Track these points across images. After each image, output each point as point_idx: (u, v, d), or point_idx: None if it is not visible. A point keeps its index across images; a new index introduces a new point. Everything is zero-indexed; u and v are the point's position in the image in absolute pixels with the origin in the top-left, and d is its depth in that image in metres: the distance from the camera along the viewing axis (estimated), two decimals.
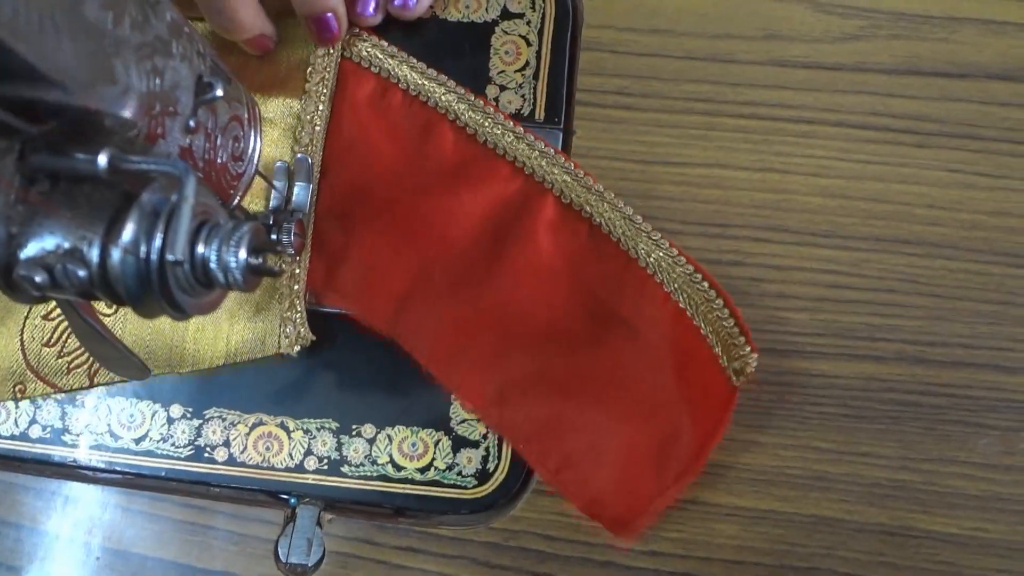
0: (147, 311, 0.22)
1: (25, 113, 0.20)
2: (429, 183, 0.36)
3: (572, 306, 0.35)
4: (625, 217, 0.35)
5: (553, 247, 0.35)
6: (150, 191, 0.21)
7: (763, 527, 0.35)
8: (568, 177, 0.36)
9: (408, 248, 0.36)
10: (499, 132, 0.36)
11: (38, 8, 0.17)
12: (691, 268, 0.35)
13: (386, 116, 0.37)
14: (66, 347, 0.35)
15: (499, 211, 0.36)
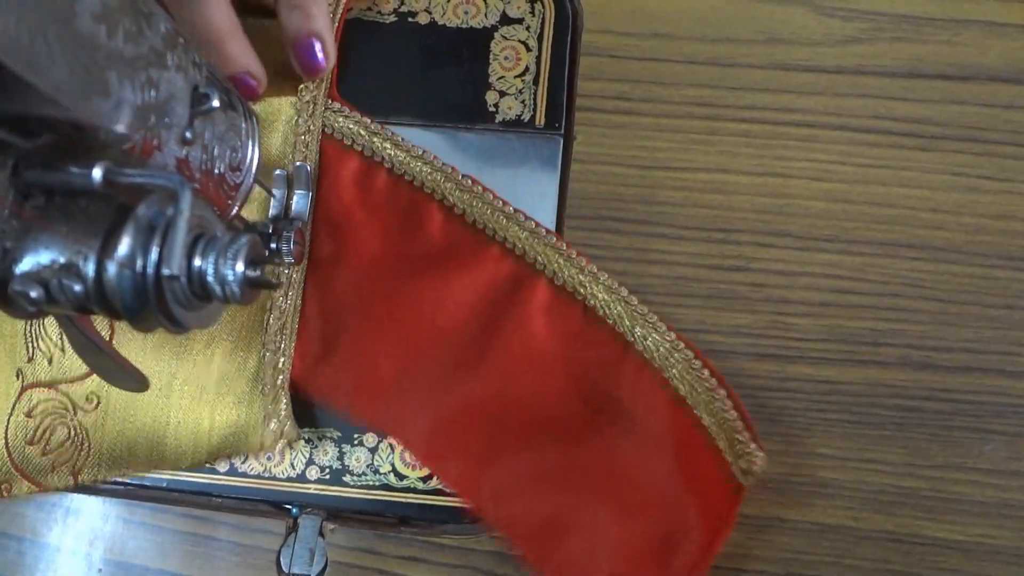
0: (144, 325, 0.22)
1: (19, 128, 0.20)
2: (417, 268, 0.35)
3: (568, 395, 0.34)
4: (620, 299, 0.34)
5: (546, 332, 0.34)
6: (146, 205, 0.21)
7: (768, 535, 0.35)
8: (560, 258, 0.35)
9: (397, 337, 0.35)
10: (488, 212, 0.35)
11: (30, 22, 0.17)
12: (691, 354, 0.34)
13: (371, 197, 0.36)
14: (49, 445, 0.34)
15: (490, 296, 0.35)
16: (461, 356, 0.35)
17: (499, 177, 0.38)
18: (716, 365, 0.36)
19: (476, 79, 0.39)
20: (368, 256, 0.36)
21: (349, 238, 0.36)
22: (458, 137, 0.39)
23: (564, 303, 0.35)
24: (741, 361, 0.36)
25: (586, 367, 0.34)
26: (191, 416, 0.34)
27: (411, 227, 0.36)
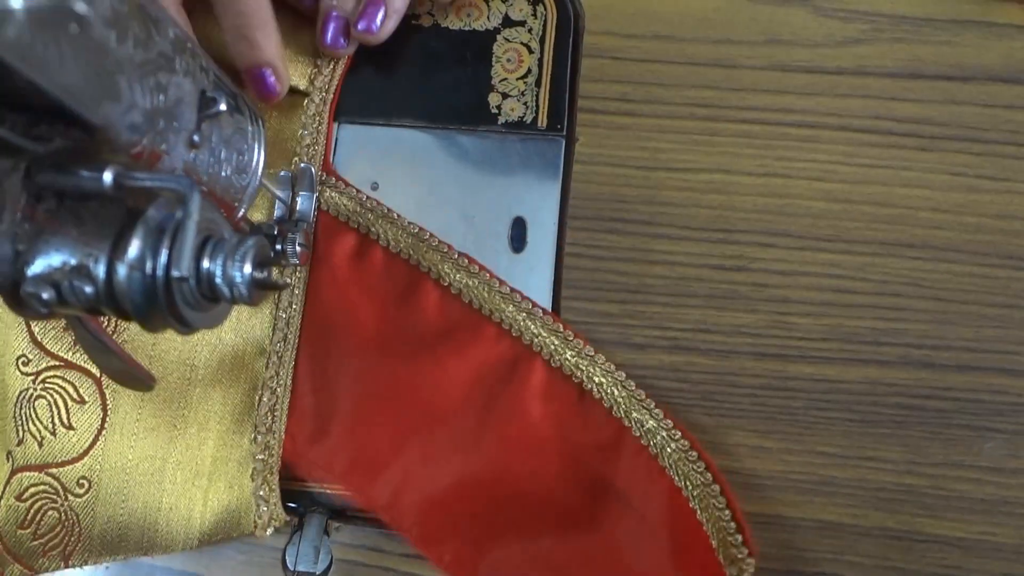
0: (153, 326, 0.22)
1: (30, 132, 0.21)
2: (413, 348, 0.35)
3: (564, 479, 0.34)
4: (618, 382, 0.35)
5: (543, 415, 0.34)
6: (155, 207, 0.21)
7: (769, 532, 0.35)
8: (557, 340, 0.35)
9: (392, 418, 0.35)
10: (484, 292, 0.35)
11: (43, 31, 0.17)
12: (686, 444, 0.34)
13: (367, 276, 0.36)
14: (40, 528, 0.34)
15: (486, 377, 0.35)
16: (457, 438, 0.34)
17: (501, 179, 0.39)
18: (717, 364, 0.36)
19: (479, 81, 0.39)
20: (363, 335, 0.36)
21: (343, 316, 0.36)
22: (461, 139, 0.39)
23: (560, 385, 0.35)
24: (742, 360, 0.36)
25: (583, 450, 0.34)
26: (184, 501, 0.34)
27: (407, 306, 0.36)
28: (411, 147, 0.39)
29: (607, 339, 0.37)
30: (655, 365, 0.37)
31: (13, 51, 0.17)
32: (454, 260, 0.36)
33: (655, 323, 0.37)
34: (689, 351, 0.37)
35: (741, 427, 0.36)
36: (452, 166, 0.39)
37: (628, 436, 0.34)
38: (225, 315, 0.24)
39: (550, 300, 0.37)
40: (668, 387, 0.36)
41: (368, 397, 0.35)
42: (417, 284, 0.36)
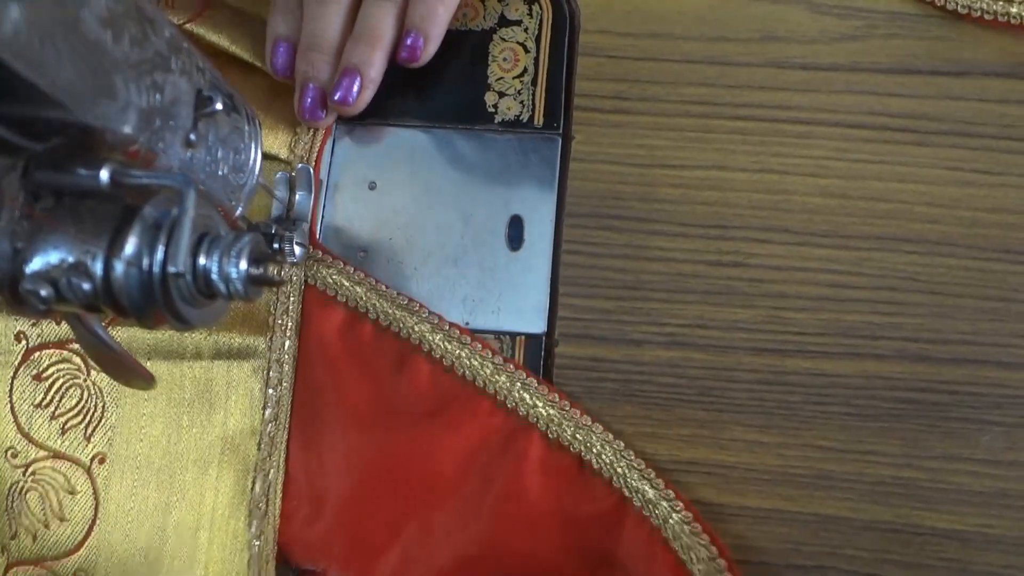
0: (151, 322, 0.22)
1: (28, 130, 0.21)
2: (407, 423, 0.35)
3: (566, 553, 0.34)
4: (617, 452, 0.34)
5: (542, 489, 0.34)
6: (152, 205, 0.22)
7: (768, 526, 0.35)
8: (554, 411, 0.35)
9: (388, 501, 0.34)
10: (477, 364, 0.35)
11: (39, 28, 0.18)
12: (689, 516, 0.33)
13: (357, 350, 0.36)
14: None
15: (483, 451, 0.34)
16: (456, 516, 0.34)
17: (498, 177, 0.39)
18: (715, 360, 0.37)
19: (475, 80, 0.40)
20: (355, 412, 0.35)
21: (335, 393, 0.35)
22: (458, 138, 0.40)
23: (558, 457, 0.34)
24: (740, 355, 0.37)
25: (584, 523, 0.34)
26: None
27: (399, 381, 0.35)
28: (408, 146, 0.39)
29: (605, 335, 0.37)
30: (652, 361, 0.37)
31: (10, 49, 0.17)
32: (445, 331, 0.36)
33: (652, 319, 0.37)
34: (686, 347, 0.37)
35: (739, 422, 0.36)
36: (449, 165, 0.39)
37: (630, 507, 0.34)
38: (223, 312, 0.24)
39: (547, 297, 0.37)
40: (665, 383, 0.37)
41: (363, 477, 0.35)
42: (408, 358, 0.35)
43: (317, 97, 0.37)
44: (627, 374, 0.37)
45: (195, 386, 0.35)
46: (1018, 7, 0.37)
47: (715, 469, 0.36)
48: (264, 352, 0.35)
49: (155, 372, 0.34)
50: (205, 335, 0.35)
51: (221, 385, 0.35)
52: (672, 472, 0.36)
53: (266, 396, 0.35)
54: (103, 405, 0.35)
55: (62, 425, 0.35)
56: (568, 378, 0.37)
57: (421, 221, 0.39)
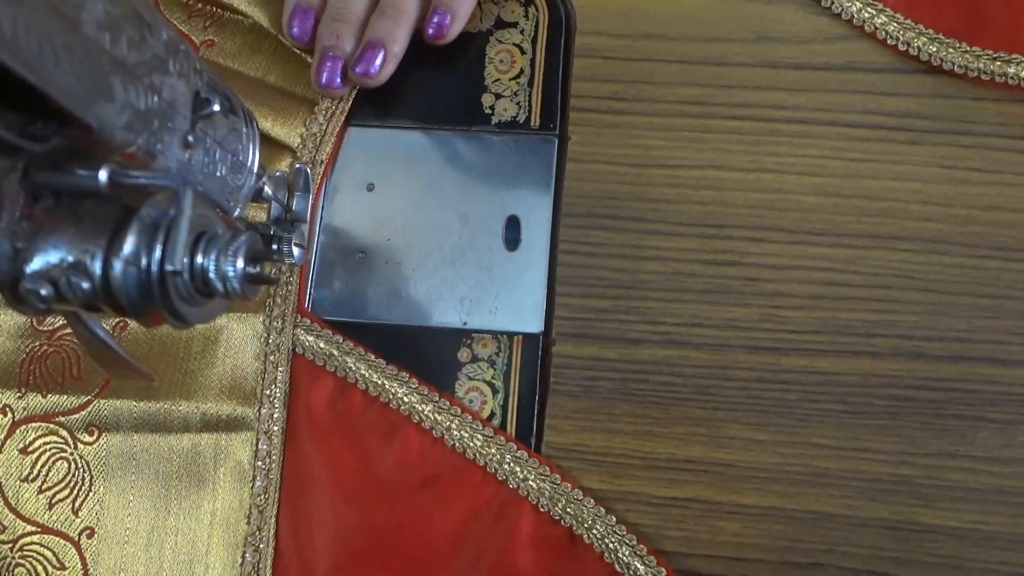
0: (149, 321, 0.22)
1: (28, 132, 0.21)
2: (397, 497, 0.35)
3: None
4: (608, 527, 0.34)
5: (533, 564, 0.34)
6: (150, 205, 0.22)
7: (765, 524, 0.35)
8: (544, 484, 0.35)
9: (380, 573, 0.34)
10: (467, 435, 0.35)
11: (37, 29, 0.18)
12: None
13: (347, 421, 0.36)
14: None
15: (474, 526, 0.34)
16: None
17: (495, 178, 0.39)
18: (711, 358, 0.37)
19: (472, 82, 0.40)
20: (345, 484, 0.35)
21: (325, 465, 0.35)
22: (455, 139, 0.40)
23: (549, 530, 0.35)
24: (736, 354, 0.37)
25: None
26: None
27: (389, 452, 0.35)
28: (406, 148, 0.40)
29: (602, 335, 0.37)
30: (649, 360, 0.37)
31: (9, 51, 0.17)
32: (435, 402, 0.36)
33: (649, 318, 0.37)
34: (683, 345, 0.37)
35: (735, 420, 0.36)
36: (447, 166, 0.40)
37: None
38: (221, 311, 0.24)
39: (544, 297, 0.38)
40: (662, 381, 0.37)
41: (353, 551, 0.35)
42: (398, 428, 0.36)
43: (337, 68, 0.38)
44: (624, 373, 0.37)
45: (182, 459, 0.35)
46: (1016, 67, 0.37)
47: (712, 467, 0.36)
48: (253, 423, 0.35)
49: (141, 445, 0.35)
50: (193, 408, 0.35)
51: (209, 457, 0.35)
52: (669, 470, 0.36)
53: (255, 468, 0.35)
54: (90, 478, 0.35)
55: (50, 499, 0.35)
56: (565, 377, 0.37)
57: (419, 222, 0.39)
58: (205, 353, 0.36)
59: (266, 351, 0.36)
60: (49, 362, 0.36)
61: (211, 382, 0.36)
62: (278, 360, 0.36)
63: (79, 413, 0.35)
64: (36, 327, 0.36)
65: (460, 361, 0.37)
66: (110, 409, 0.35)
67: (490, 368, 0.37)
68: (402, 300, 0.38)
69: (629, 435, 0.36)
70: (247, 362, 0.36)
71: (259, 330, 0.36)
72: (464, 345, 0.37)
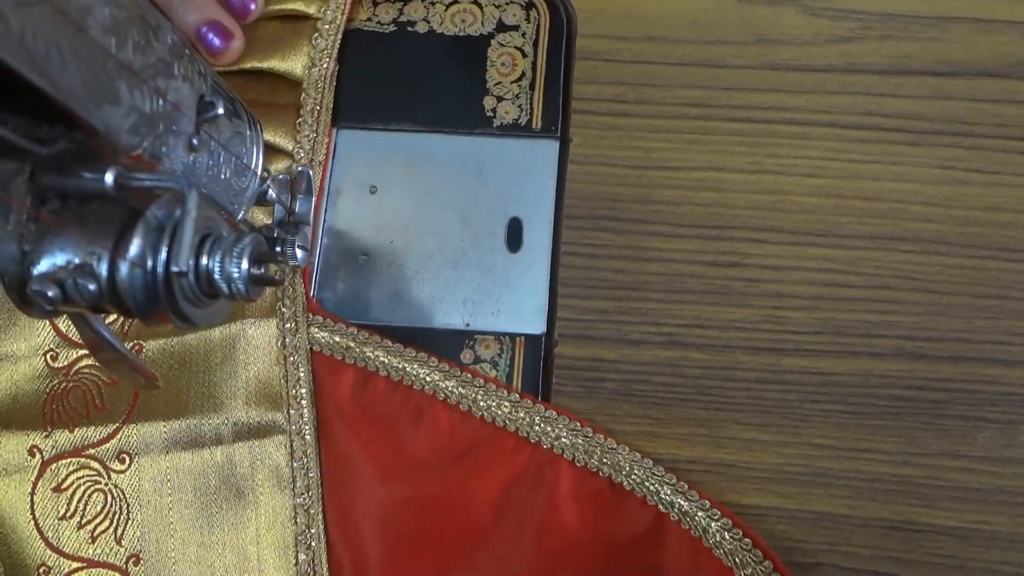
0: (154, 322, 0.23)
1: (35, 135, 0.21)
2: (435, 475, 0.35)
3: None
4: (646, 470, 0.35)
5: (578, 517, 0.34)
6: (155, 207, 0.22)
7: (766, 524, 0.35)
8: (577, 439, 0.35)
9: (429, 554, 0.35)
10: (494, 404, 0.35)
11: (44, 33, 0.18)
12: (729, 523, 0.34)
13: (374, 409, 0.36)
14: None
15: (514, 491, 0.35)
16: (498, 556, 0.34)
17: (498, 180, 0.39)
18: (712, 359, 0.37)
19: (474, 85, 0.40)
20: (383, 470, 0.35)
21: (360, 455, 0.36)
22: (457, 142, 0.40)
23: (589, 483, 0.35)
24: (737, 355, 0.37)
25: (625, 545, 0.34)
26: None
27: (420, 432, 0.36)
28: (409, 151, 0.40)
29: (603, 336, 0.37)
30: (651, 360, 0.37)
31: (17, 54, 0.17)
32: (458, 377, 0.36)
33: (651, 319, 0.38)
34: (684, 346, 0.37)
35: (737, 420, 0.36)
36: (449, 169, 0.40)
37: (667, 522, 0.34)
38: (226, 312, 0.24)
39: (547, 298, 0.38)
40: (664, 382, 0.37)
41: (401, 535, 0.35)
42: (426, 408, 0.36)
43: None
44: (626, 374, 0.37)
45: (219, 473, 0.35)
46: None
47: (713, 467, 0.36)
48: (284, 425, 0.35)
49: (176, 466, 0.35)
50: (223, 420, 0.35)
51: (246, 467, 0.35)
52: (671, 470, 0.36)
53: (293, 469, 0.35)
54: (127, 506, 0.35)
55: (91, 533, 0.35)
56: (567, 378, 0.37)
57: (421, 224, 0.39)
58: (225, 364, 0.36)
59: (285, 354, 0.36)
60: (71, 397, 0.36)
61: (236, 391, 0.36)
62: (298, 360, 0.36)
63: (108, 443, 0.35)
64: (51, 365, 0.36)
65: (463, 362, 0.37)
66: (139, 434, 0.35)
67: (493, 369, 0.37)
68: (405, 302, 0.38)
69: (631, 435, 0.36)
70: (268, 366, 0.36)
71: (274, 334, 0.36)
72: (467, 346, 0.37)
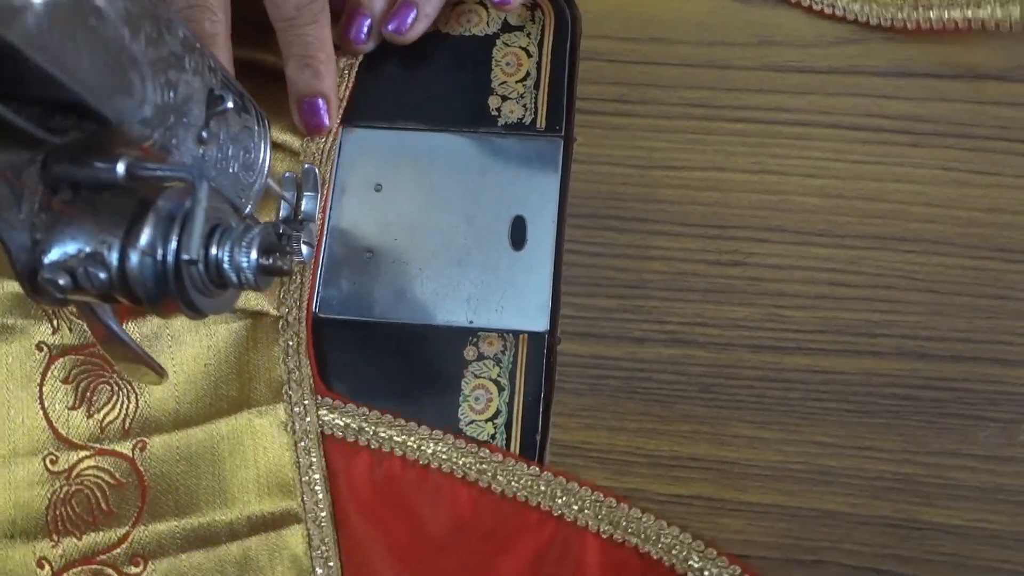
0: (164, 311, 0.23)
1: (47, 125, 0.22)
2: (459, 556, 0.34)
3: None
4: (672, 536, 0.34)
5: None
6: (166, 197, 0.23)
7: (768, 521, 0.36)
8: (600, 509, 0.34)
9: None
10: (514, 479, 0.34)
11: (60, 24, 0.19)
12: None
13: (391, 491, 0.35)
14: None
15: (540, 565, 0.34)
16: None
17: (502, 179, 0.40)
18: (715, 357, 0.37)
19: (479, 85, 0.41)
20: (405, 555, 0.34)
21: (380, 540, 0.35)
22: (462, 141, 0.40)
23: (616, 554, 0.34)
24: (740, 353, 0.37)
25: None
26: None
27: (441, 513, 0.35)
28: (413, 149, 0.40)
29: (606, 333, 0.38)
30: (654, 359, 0.37)
31: (32, 43, 0.18)
32: (474, 454, 0.35)
33: (653, 317, 0.38)
34: (687, 344, 0.37)
35: (739, 418, 0.37)
36: (454, 167, 0.40)
37: None
38: (234, 301, 0.25)
39: (550, 296, 0.38)
40: (667, 380, 0.37)
41: None
42: (444, 487, 0.35)
43: (363, 24, 0.38)
44: (629, 371, 0.37)
45: (237, 569, 0.34)
46: None
47: (716, 465, 0.36)
48: (300, 514, 0.34)
49: (191, 564, 0.34)
50: (236, 514, 0.35)
51: (264, 560, 0.34)
52: (673, 468, 0.36)
53: (312, 559, 0.34)
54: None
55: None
56: (570, 375, 0.37)
57: (426, 222, 0.39)
58: (234, 455, 0.35)
59: (295, 440, 0.35)
60: (75, 502, 0.35)
61: (248, 483, 0.35)
62: (309, 445, 0.35)
63: (120, 547, 0.34)
64: (50, 469, 0.35)
65: (466, 359, 0.37)
66: (151, 535, 0.34)
67: (496, 366, 0.37)
68: (409, 299, 0.38)
69: (634, 433, 0.36)
70: (279, 454, 0.35)
71: (283, 419, 0.35)
72: (470, 343, 0.38)
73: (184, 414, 0.36)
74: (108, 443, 0.35)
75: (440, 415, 0.37)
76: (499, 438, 0.36)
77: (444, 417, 0.37)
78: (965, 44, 0.40)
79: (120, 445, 0.35)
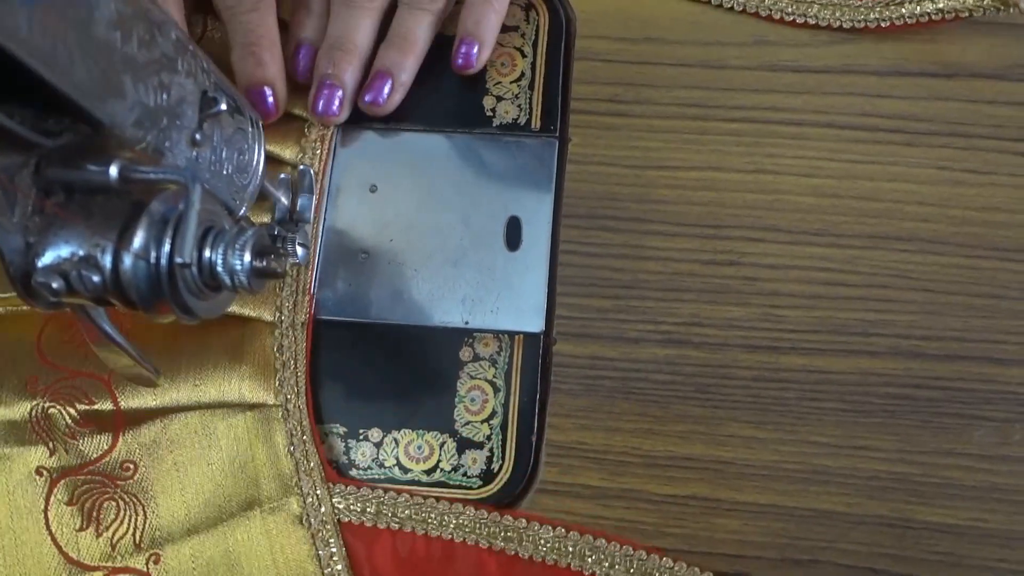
0: (158, 314, 0.23)
1: (41, 128, 0.22)
2: None
3: None
4: None
5: None
6: (159, 200, 0.23)
7: (764, 521, 0.36)
8: (631, 563, 0.34)
9: None
10: (541, 543, 0.34)
11: (51, 27, 0.19)
12: None
13: (417, 569, 0.34)
14: None
15: None
16: None
17: (497, 179, 0.40)
18: (710, 357, 0.37)
19: (474, 85, 0.41)
20: None
21: None
22: (457, 141, 0.40)
23: None
24: (735, 353, 0.37)
25: None
26: None
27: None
28: (409, 150, 0.40)
29: (602, 334, 0.38)
30: (649, 359, 0.37)
31: (25, 47, 0.18)
32: (498, 522, 0.35)
33: (649, 317, 0.38)
34: (682, 344, 0.37)
35: (734, 418, 0.37)
36: (449, 168, 0.40)
37: None
38: (228, 304, 0.25)
39: (545, 297, 0.38)
40: (662, 380, 0.37)
41: None
42: (471, 559, 0.34)
43: (334, 95, 0.38)
44: (624, 372, 0.37)
45: None
46: None
47: (711, 464, 0.36)
48: None
49: None
50: None
51: None
52: (669, 468, 0.36)
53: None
54: None
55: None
56: (566, 376, 0.37)
57: (421, 223, 0.39)
58: (251, 558, 0.34)
59: (311, 532, 0.35)
60: None
61: None
62: (327, 536, 0.34)
63: None
64: None
65: (462, 360, 0.37)
66: None
67: (492, 367, 0.37)
68: (405, 300, 0.38)
69: (629, 433, 0.37)
70: (297, 549, 0.34)
71: (296, 513, 0.35)
72: (466, 344, 0.38)
73: (194, 520, 0.35)
74: (121, 560, 0.34)
75: (436, 416, 0.37)
76: (495, 439, 0.36)
77: (440, 418, 0.37)
78: (959, 43, 0.40)
79: (133, 560, 0.34)
